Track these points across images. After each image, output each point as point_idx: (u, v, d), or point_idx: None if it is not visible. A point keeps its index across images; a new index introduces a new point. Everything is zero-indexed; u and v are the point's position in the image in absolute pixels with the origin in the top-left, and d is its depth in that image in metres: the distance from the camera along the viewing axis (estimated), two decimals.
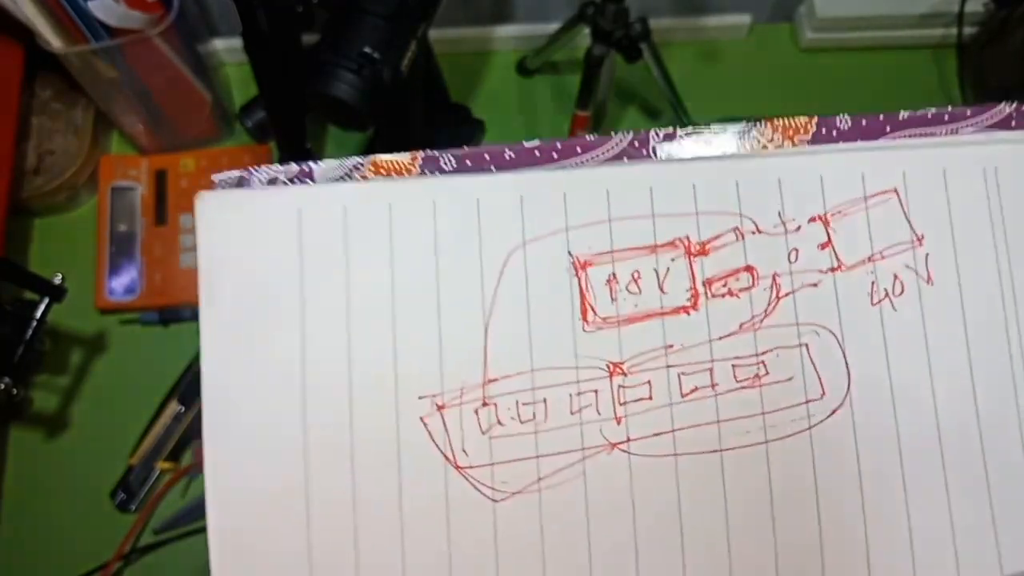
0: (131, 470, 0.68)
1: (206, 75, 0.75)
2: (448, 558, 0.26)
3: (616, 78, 0.77)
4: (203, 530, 0.29)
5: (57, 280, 0.63)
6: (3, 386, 0.60)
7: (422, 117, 0.72)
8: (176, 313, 0.73)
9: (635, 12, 0.66)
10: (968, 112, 0.30)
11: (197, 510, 0.67)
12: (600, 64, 0.67)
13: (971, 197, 0.29)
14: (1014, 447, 0.28)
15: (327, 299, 0.26)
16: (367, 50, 0.56)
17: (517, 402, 0.26)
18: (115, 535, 0.65)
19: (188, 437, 0.67)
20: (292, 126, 0.68)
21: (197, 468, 0.67)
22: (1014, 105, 0.30)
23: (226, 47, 0.84)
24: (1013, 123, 0.30)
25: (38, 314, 0.62)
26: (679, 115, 0.78)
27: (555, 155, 0.28)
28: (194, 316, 0.27)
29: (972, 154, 0.29)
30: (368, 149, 0.80)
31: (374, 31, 0.56)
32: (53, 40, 0.65)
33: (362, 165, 0.28)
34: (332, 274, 0.27)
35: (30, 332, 0.62)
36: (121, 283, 0.75)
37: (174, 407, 0.68)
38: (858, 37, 0.84)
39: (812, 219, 0.28)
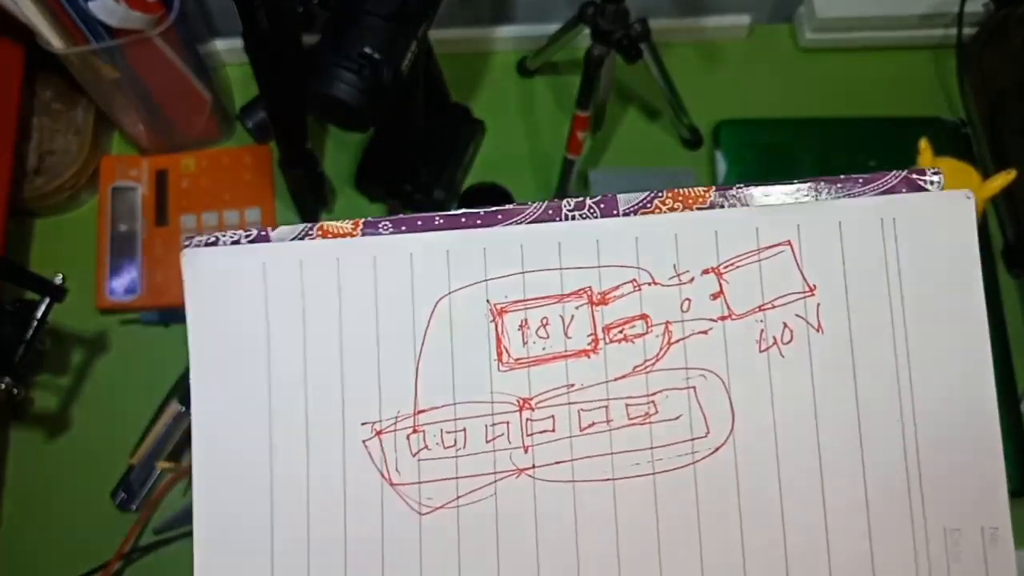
0: (132, 470, 0.68)
1: (206, 75, 0.76)
2: (381, 561, 0.31)
3: (616, 78, 0.77)
4: None
5: (58, 280, 0.63)
6: (4, 386, 0.60)
7: (422, 117, 0.72)
8: (176, 313, 0.73)
9: (635, 12, 0.67)
10: (860, 180, 0.31)
11: None
12: (600, 64, 0.67)
13: (866, 248, 0.30)
14: (898, 494, 0.29)
15: (288, 337, 0.32)
16: (367, 50, 0.56)
17: (441, 430, 0.31)
18: (116, 535, 0.66)
19: (189, 437, 0.67)
20: (292, 126, 0.68)
21: None
22: (903, 173, 0.31)
23: (227, 47, 0.84)
24: (904, 189, 0.30)
25: (39, 314, 0.62)
26: (678, 115, 0.78)
27: (479, 221, 0.32)
28: None
29: (870, 206, 0.30)
30: (368, 150, 0.80)
31: (374, 31, 0.57)
32: (54, 40, 0.65)
33: (312, 229, 0.32)
34: (291, 317, 0.32)
35: (31, 332, 0.62)
36: (122, 283, 0.75)
37: (175, 407, 0.68)
38: (858, 37, 0.84)
39: (705, 271, 0.31)
